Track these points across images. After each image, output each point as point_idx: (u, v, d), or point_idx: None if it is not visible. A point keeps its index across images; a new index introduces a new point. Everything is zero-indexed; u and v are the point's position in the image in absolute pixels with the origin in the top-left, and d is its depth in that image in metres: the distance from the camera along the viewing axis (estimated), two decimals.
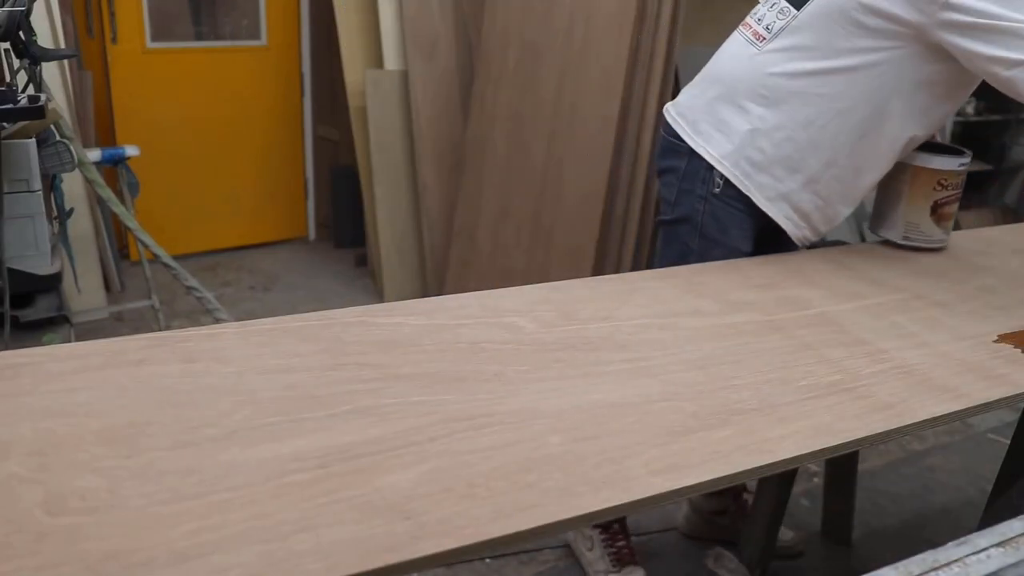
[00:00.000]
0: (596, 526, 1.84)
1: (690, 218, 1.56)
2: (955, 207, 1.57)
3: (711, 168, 1.52)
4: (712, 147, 1.52)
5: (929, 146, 1.58)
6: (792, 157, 1.47)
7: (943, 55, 1.35)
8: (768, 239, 1.54)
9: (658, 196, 2.03)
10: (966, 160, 1.54)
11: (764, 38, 1.48)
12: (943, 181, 1.53)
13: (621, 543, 1.87)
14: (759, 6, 1.54)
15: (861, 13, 1.35)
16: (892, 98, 1.41)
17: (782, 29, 1.45)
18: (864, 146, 1.46)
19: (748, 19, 1.55)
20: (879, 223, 1.64)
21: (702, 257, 1.53)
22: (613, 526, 1.86)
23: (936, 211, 1.55)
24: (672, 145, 1.59)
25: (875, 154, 1.48)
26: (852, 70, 1.40)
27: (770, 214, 1.51)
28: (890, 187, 1.60)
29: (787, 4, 1.46)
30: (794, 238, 1.54)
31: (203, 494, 0.70)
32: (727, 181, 1.50)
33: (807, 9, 1.42)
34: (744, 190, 1.50)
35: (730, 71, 1.53)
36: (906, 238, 1.58)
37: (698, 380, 0.99)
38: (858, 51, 1.38)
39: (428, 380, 0.93)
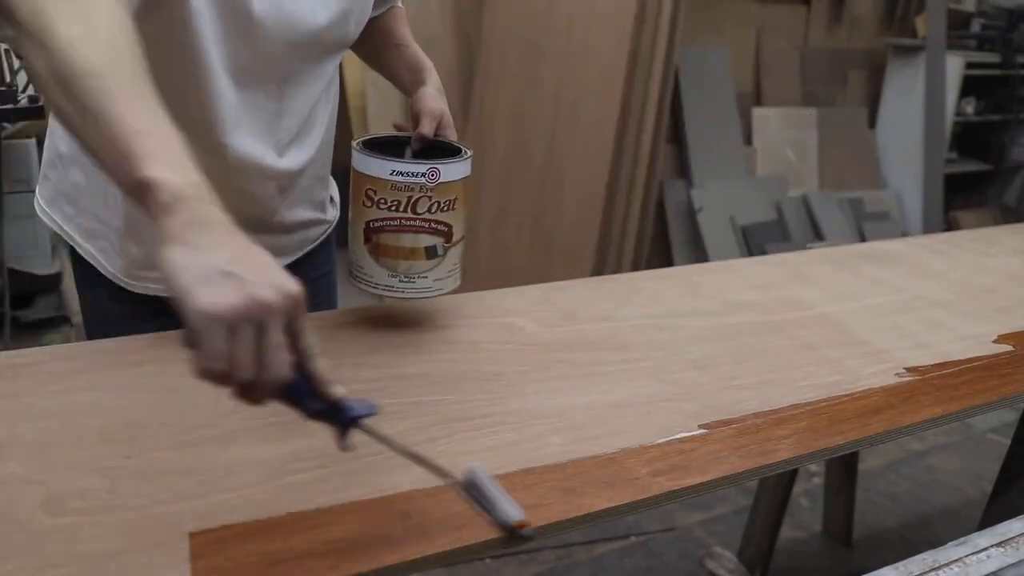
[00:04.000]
0: None
1: None
2: (405, 239, 0.94)
3: None
4: None
5: (427, 148, 1.02)
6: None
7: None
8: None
9: None
10: (416, 169, 0.92)
11: None
12: (372, 193, 0.94)
13: None
14: None
15: None
16: None
17: None
18: None
19: None
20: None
21: None
22: None
23: (370, 239, 0.96)
24: None
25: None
26: None
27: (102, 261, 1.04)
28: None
29: None
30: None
31: (203, 494, 0.70)
32: None
33: None
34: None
35: None
36: (352, 276, 1.01)
37: (698, 380, 0.99)
38: None
39: (428, 380, 0.93)
